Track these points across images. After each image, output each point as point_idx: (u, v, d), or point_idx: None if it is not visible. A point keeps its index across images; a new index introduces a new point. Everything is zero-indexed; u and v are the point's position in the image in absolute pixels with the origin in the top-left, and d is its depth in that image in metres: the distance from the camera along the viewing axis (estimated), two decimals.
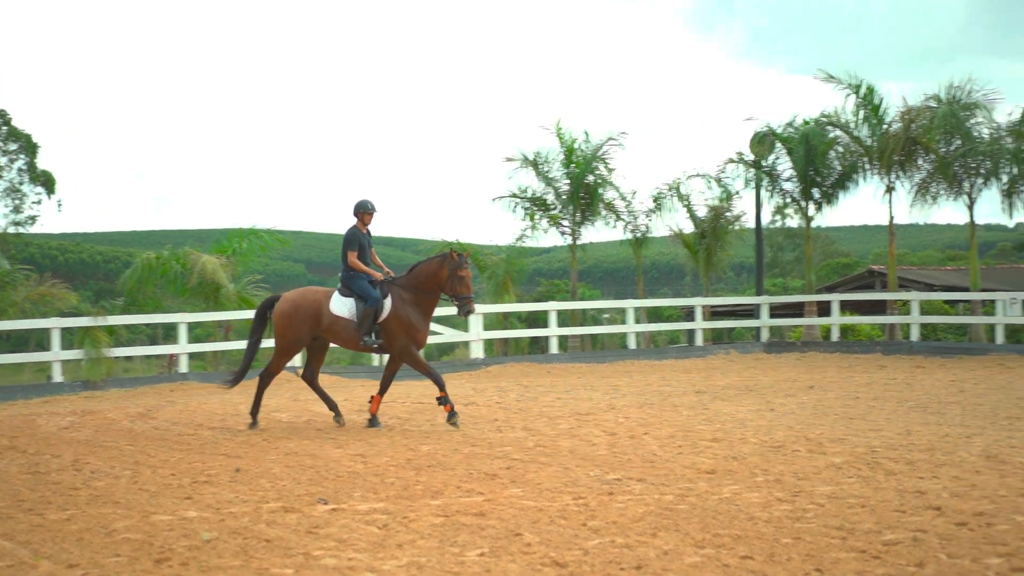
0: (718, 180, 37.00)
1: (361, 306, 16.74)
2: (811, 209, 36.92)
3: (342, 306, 16.96)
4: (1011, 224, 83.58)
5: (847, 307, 40.66)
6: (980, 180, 33.77)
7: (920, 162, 34.61)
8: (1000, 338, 31.45)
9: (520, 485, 11.46)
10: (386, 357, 19.74)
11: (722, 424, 16.34)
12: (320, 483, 11.75)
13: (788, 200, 37.61)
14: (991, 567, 8.00)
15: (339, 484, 11.65)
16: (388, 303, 16.76)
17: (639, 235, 37.21)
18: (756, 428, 15.85)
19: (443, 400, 16.47)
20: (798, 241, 69.43)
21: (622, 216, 36.89)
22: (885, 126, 34.61)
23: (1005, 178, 33.46)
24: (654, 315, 42.20)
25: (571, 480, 11.72)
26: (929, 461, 12.68)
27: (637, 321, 34.06)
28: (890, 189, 35.01)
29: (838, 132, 35.82)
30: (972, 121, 33.47)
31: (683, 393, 21.51)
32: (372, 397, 17.18)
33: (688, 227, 37.55)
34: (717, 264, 37.82)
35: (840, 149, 36.04)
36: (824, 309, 36.35)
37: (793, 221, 41.57)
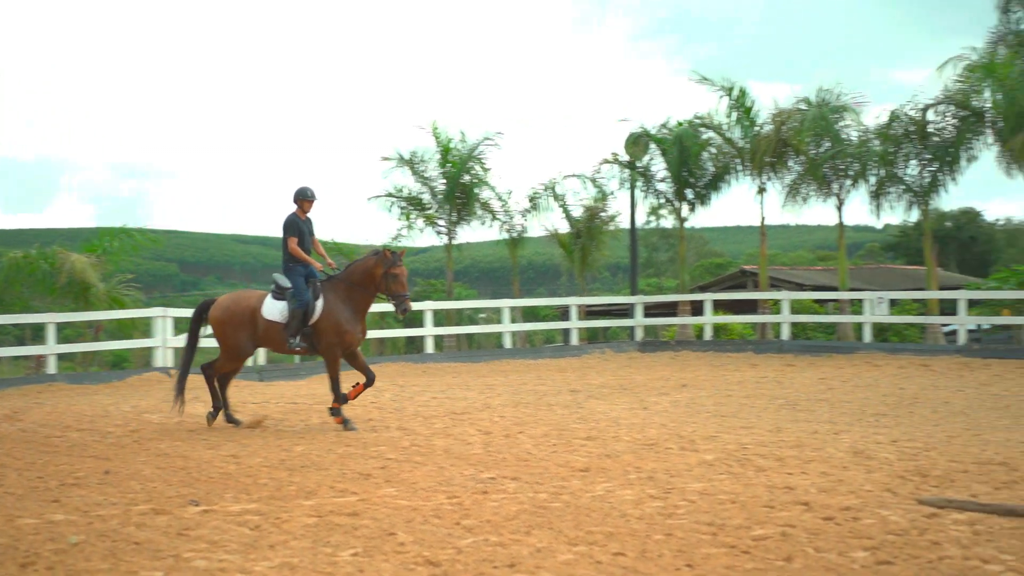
0: (593, 180, 37.28)
1: (291, 307, 16.35)
2: (685, 209, 37.35)
3: (274, 310, 16.53)
4: (879, 225, 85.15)
5: (720, 306, 41.20)
6: (849, 182, 34.45)
7: (791, 163, 35.20)
8: (868, 336, 32.11)
9: (394, 485, 11.40)
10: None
11: (596, 423, 16.44)
12: (191, 484, 11.56)
13: (662, 200, 37.99)
14: (857, 560, 8.15)
15: (211, 485, 11.49)
16: (320, 304, 16.36)
17: (515, 235, 37.31)
18: (629, 426, 15.98)
19: (335, 412, 16.22)
20: (672, 241, 70.12)
21: (498, 216, 36.97)
22: (757, 128, 35.17)
23: (873, 180, 34.18)
24: (530, 315, 42.39)
25: (446, 479, 11.70)
26: (798, 457, 12.90)
27: (513, 321, 34.18)
28: (762, 190, 35.58)
29: (711, 133, 36.32)
30: (841, 124, 34.13)
31: (558, 392, 21.61)
32: (355, 386, 16.70)
33: (564, 227, 37.76)
34: (592, 264, 38.08)
35: (713, 150, 36.52)
36: (697, 308, 36.78)
37: (667, 221, 42.03)
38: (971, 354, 29.08)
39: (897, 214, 35.57)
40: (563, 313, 40.89)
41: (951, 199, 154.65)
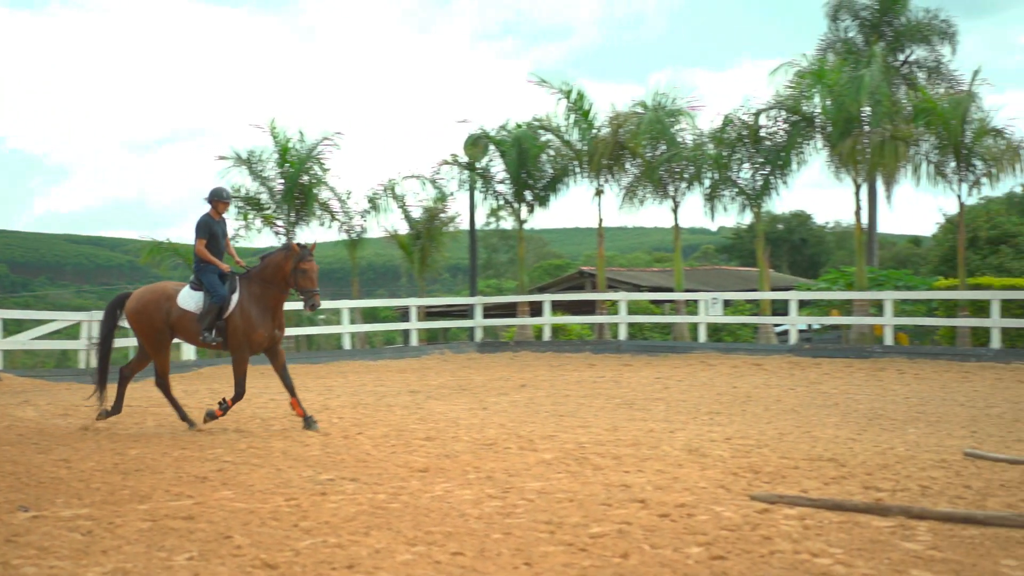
0: (433, 181, 37.23)
1: (207, 301, 15.94)
2: (524, 211, 37.54)
3: (190, 300, 16.13)
4: (714, 227, 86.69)
5: (558, 307, 41.55)
6: (684, 184, 35.00)
7: (628, 166, 35.64)
8: (703, 336, 32.70)
9: (231, 487, 11.24)
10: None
11: (435, 423, 16.45)
12: (21, 490, 11.23)
13: (502, 202, 38.13)
14: (691, 556, 8.29)
15: (41, 490, 11.17)
16: (235, 299, 15.97)
17: (354, 236, 37.09)
18: (469, 426, 16.02)
19: (224, 407, 15.96)
20: (511, 243, 70.57)
21: (337, 216, 36.70)
22: (595, 130, 35.53)
23: (707, 183, 34.78)
24: (370, 316, 42.13)
25: (283, 481, 11.58)
26: (635, 456, 13.08)
27: (352, 322, 33.97)
28: (599, 192, 35.97)
29: (550, 136, 36.56)
30: (677, 127, 34.66)
31: (397, 393, 21.56)
32: (291, 402, 16.22)
33: (404, 228, 37.67)
34: (432, 265, 38.07)
35: (552, 152, 36.77)
36: (536, 309, 37.04)
37: (507, 223, 42.16)
38: (802, 353, 29.82)
39: (731, 216, 36.29)
40: (403, 314, 40.82)
41: (783, 202, 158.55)
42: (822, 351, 30.12)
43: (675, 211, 35.36)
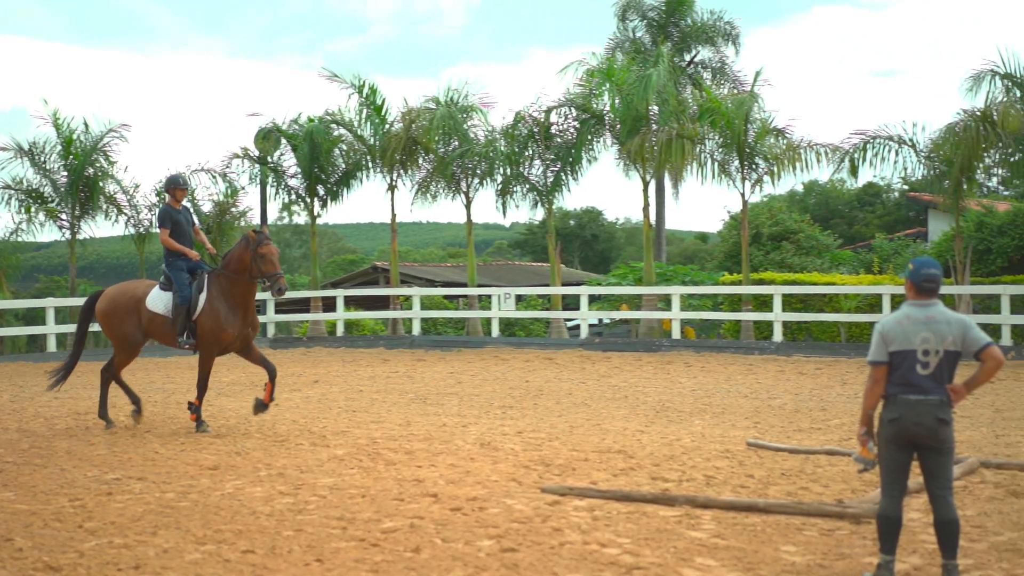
0: (223, 176, 36.57)
1: (174, 302, 15.29)
2: (316, 206, 37.19)
3: (159, 301, 15.51)
4: (507, 223, 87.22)
5: (352, 303, 41.36)
6: (477, 180, 35.14)
7: (421, 161, 35.57)
8: (496, 331, 32.93)
9: (12, 488, 10.89)
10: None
11: (226, 420, 16.23)
12: None
13: (294, 197, 37.72)
14: (483, 549, 8.35)
15: None
16: (203, 298, 15.26)
17: (143, 230, 36.20)
18: (260, 423, 15.85)
19: (194, 409, 15.25)
20: (305, 238, 69.84)
21: (124, 210, 35.77)
22: (388, 126, 35.40)
23: (500, 179, 34.99)
24: None
25: (67, 481, 11.27)
26: (427, 450, 13.12)
27: None
28: (392, 187, 35.86)
29: (343, 130, 36.29)
30: (469, 123, 34.78)
31: (187, 391, 21.12)
32: (266, 385, 15.45)
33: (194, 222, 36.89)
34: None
35: (345, 147, 36.51)
36: (330, 305, 36.76)
37: (300, 218, 41.84)
38: (592, 347, 30.29)
39: (523, 212, 36.59)
40: None
41: (575, 198, 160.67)
42: (612, 345, 30.65)
43: (468, 207, 35.50)
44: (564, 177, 34.53)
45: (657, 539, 8.67)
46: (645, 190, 33.08)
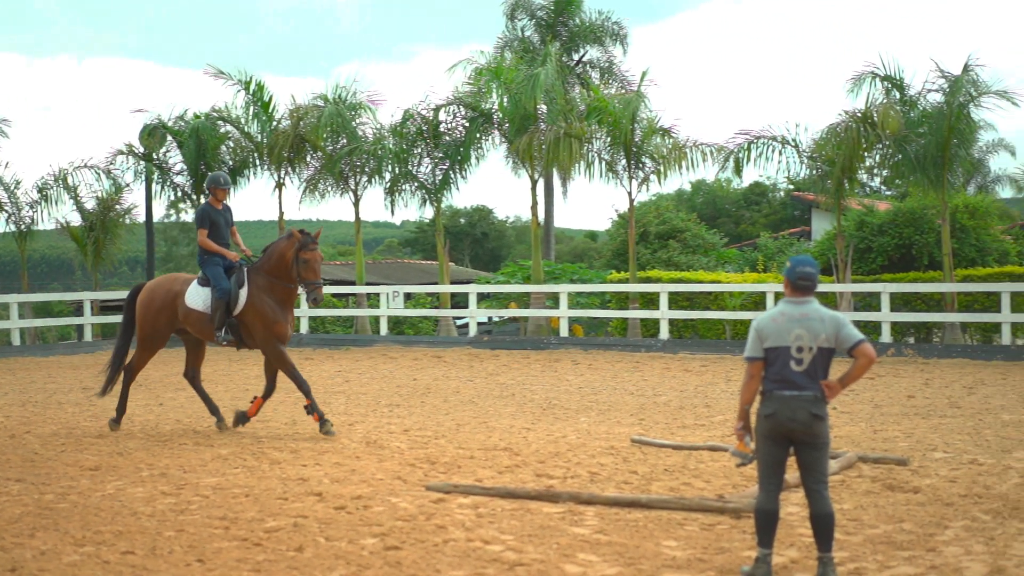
0: (107, 172, 36.00)
1: (213, 297, 14.69)
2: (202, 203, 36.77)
3: (197, 297, 14.86)
4: (398, 221, 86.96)
5: None
6: (365, 178, 35.02)
7: (309, 159, 35.40)
8: (384, 329, 32.85)
9: None
10: None
11: (107, 420, 15.98)
12: None
13: (180, 194, 37.30)
14: (366, 547, 8.35)
15: None
16: (244, 293, 14.64)
17: (23, 227, 35.51)
18: (143, 423, 15.67)
19: (311, 409, 14.36)
20: (192, 235, 69.04)
21: (5, 207, 35.05)
22: (275, 123, 35.15)
23: (388, 177, 34.91)
24: (42, 310, 40.59)
25: None
26: (313, 449, 13.08)
27: (22, 316, 32.54)
28: (280, 185, 35.62)
29: (230, 127, 35.96)
30: (358, 121, 34.65)
31: (69, 390, 20.83)
32: (254, 398, 15.04)
33: (77, 220, 36.27)
34: (108, 258, 36.79)
35: (232, 144, 36.20)
36: None
37: (187, 215, 41.26)
38: (481, 345, 30.36)
39: (413, 211, 36.51)
40: (76, 309, 39.35)
41: (465, 197, 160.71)
42: (501, 343, 30.75)
43: (356, 205, 35.36)
44: (453, 175, 34.56)
45: (540, 535, 8.73)
46: (533, 189, 33.25)
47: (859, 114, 28.33)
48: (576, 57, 45.57)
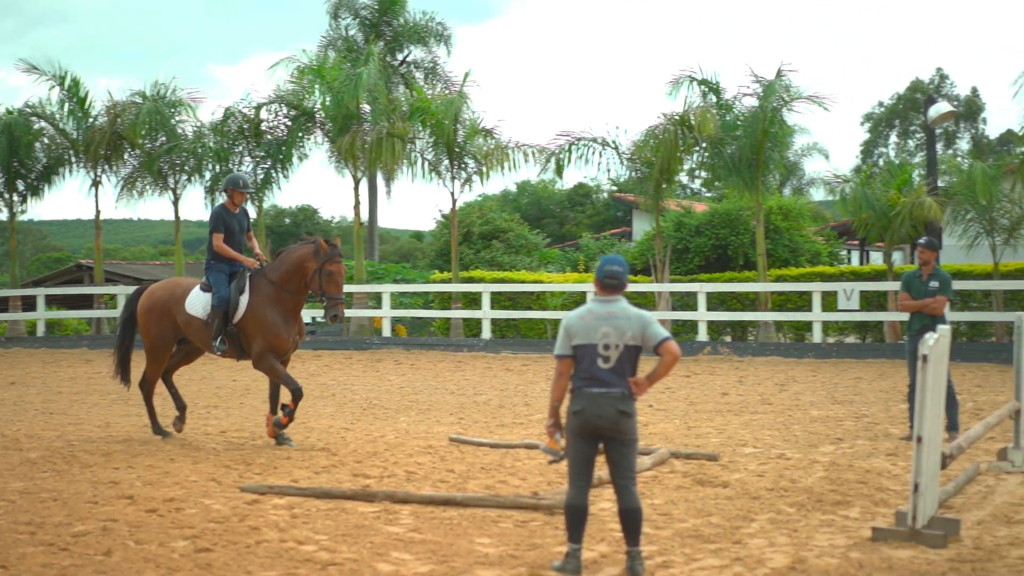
0: None
1: (212, 304, 13.59)
2: (17, 201, 35.79)
3: (198, 303, 13.75)
4: None
5: (54, 302, 39.92)
6: (185, 177, 34.49)
7: (127, 157, 34.72)
8: None
9: None
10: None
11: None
12: None
13: None
14: (177, 549, 8.24)
15: None
16: (244, 300, 13.56)
17: None
18: None
19: (288, 412, 13.39)
20: (5, 235, 67.04)
21: None
22: (92, 119, 34.36)
23: (208, 176, 34.44)
24: None
25: None
26: (126, 452, 12.85)
27: None
28: (97, 183, 34.85)
29: (44, 124, 35.06)
30: (177, 119, 34.11)
31: None
32: (267, 416, 13.85)
33: None
34: None
35: (47, 141, 35.30)
36: (30, 304, 35.42)
37: (1, 213, 40.02)
38: (302, 346, 29.87)
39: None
40: None
41: (291, 196, 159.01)
42: (323, 343, 30.62)
43: (176, 203, 34.80)
44: (275, 174, 34.32)
45: (355, 535, 8.74)
46: (356, 188, 33.16)
47: (677, 117, 28.94)
48: (400, 57, 45.63)
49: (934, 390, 8.46)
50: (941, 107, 28.59)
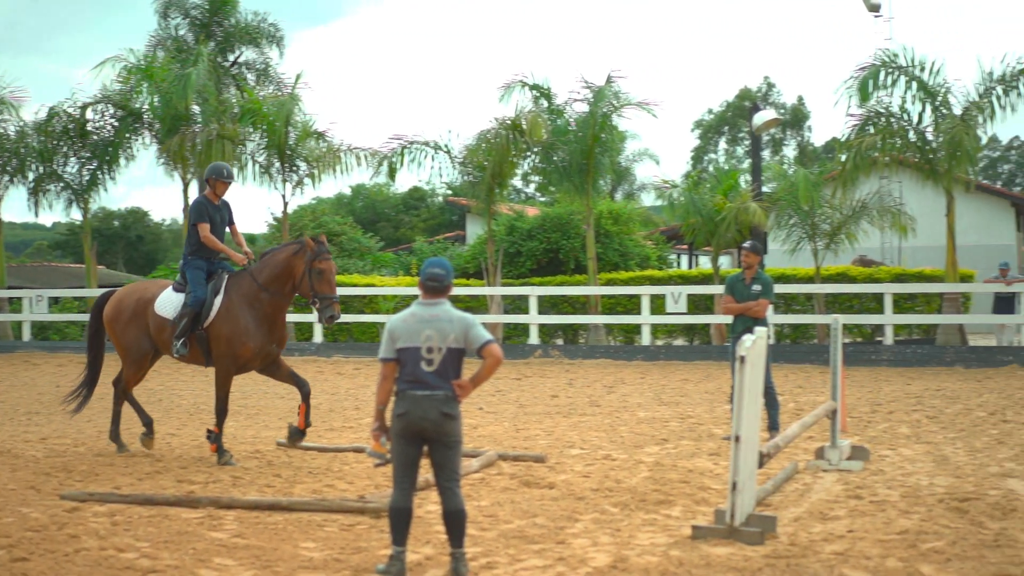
0: None
1: (184, 304, 12.54)
2: None
3: (169, 304, 12.69)
4: (49, 223, 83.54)
5: None
6: (7, 177, 33.58)
7: None
8: (27, 335, 31.59)
9: None
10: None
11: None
12: None
13: None
14: None
15: None
16: (217, 302, 12.56)
17: None
18: None
19: (213, 438, 12.53)
20: None
21: None
22: None
23: (32, 176, 33.62)
24: None
25: None
26: None
27: None
28: None
29: None
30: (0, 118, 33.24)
31: None
32: (299, 407, 12.67)
33: None
34: None
35: None
36: None
37: None
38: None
39: (59, 212, 35.33)
40: None
41: (121, 198, 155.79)
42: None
43: None
44: (101, 175, 33.67)
45: (177, 541, 8.63)
46: (185, 190, 32.69)
47: (509, 121, 29.13)
48: (232, 58, 44.97)
49: (752, 390, 8.69)
50: (765, 115, 29.35)
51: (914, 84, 26.60)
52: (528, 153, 30.40)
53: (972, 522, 9.15)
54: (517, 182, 70.72)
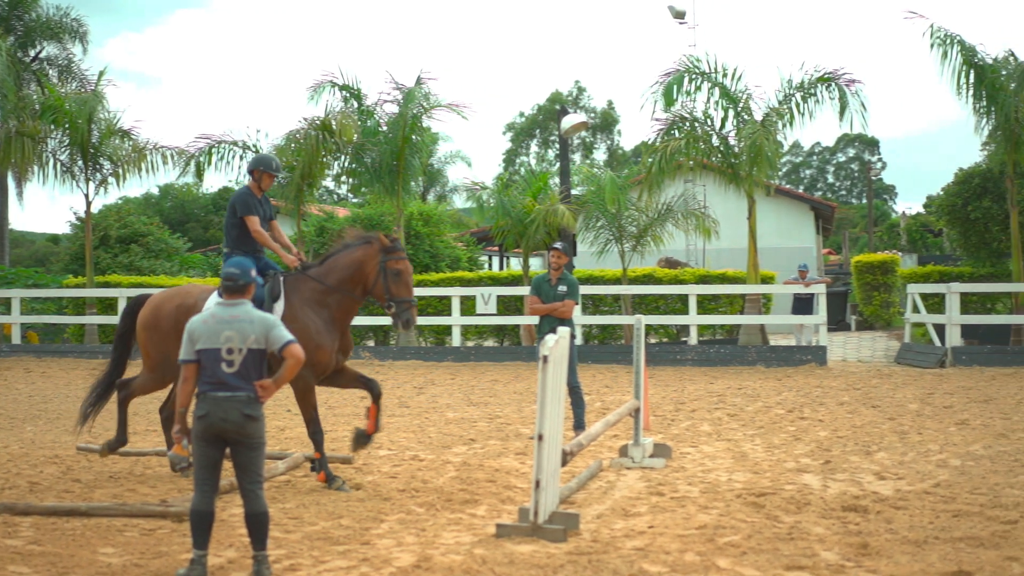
0: None
1: None
2: None
3: None
4: None
5: None
6: None
7: None
8: None
9: None
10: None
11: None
12: None
13: None
14: None
15: None
16: (279, 307, 11.19)
17: None
18: None
19: (318, 466, 11.18)
20: None
21: None
22: None
23: None
24: None
25: None
26: None
27: None
28: None
29: None
30: None
31: None
32: (368, 408, 11.42)
33: None
34: None
35: None
36: None
37: None
38: None
39: None
40: None
41: None
42: None
43: None
44: None
45: None
46: None
47: (319, 122, 28.93)
48: (33, 54, 43.80)
49: (554, 389, 8.82)
50: (574, 118, 29.78)
51: (717, 90, 27.28)
52: (339, 154, 30.22)
53: (768, 516, 9.46)
54: (330, 183, 70.42)
